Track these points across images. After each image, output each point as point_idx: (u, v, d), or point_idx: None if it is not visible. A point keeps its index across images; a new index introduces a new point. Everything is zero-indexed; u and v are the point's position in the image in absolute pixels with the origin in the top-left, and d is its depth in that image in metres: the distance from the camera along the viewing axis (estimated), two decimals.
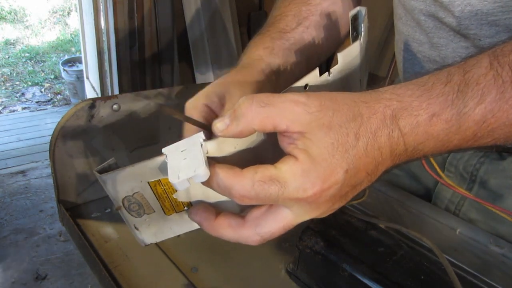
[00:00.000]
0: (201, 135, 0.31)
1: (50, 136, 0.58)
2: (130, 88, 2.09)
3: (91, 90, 2.89)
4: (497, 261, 0.56)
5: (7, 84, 4.27)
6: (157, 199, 0.35)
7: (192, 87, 0.69)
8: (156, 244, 0.55)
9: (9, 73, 4.45)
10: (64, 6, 5.41)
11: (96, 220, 0.60)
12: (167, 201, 0.35)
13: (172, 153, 0.31)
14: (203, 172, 0.29)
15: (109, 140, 0.62)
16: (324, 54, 0.57)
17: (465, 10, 0.45)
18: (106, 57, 2.27)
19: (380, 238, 0.47)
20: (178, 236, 0.58)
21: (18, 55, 4.80)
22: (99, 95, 2.50)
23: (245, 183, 0.29)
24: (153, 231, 0.37)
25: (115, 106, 0.60)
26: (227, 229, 0.33)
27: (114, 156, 0.63)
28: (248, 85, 0.42)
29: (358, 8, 0.42)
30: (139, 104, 0.63)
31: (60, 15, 5.37)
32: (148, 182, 0.34)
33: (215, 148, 0.32)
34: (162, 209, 0.36)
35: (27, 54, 4.81)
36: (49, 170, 1.22)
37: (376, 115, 0.31)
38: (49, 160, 0.58)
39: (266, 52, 0.49)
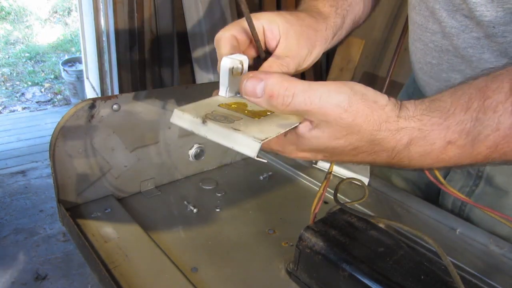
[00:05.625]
0: None
1: (50, 136, 0.58)
2: (130, 88, 2.09)
3: (91, 90, 2.90)
4: (497, 261, 0.56)
5: (7, 84, 4.27)
6: (235, 112, 0.39)
7: (192, 87, 0.69)
8: (156, 244, 0.55)
9: (9, 73, 4.45)
10: (64, 6, 5.41)
11: (96, 220, 0.60)
12: (246, 112, 0.38)
13: None
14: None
15: (109, 140, 0.62)
16: (361, 21, 0.61)
17: None
18: (106, 57, 2.27)
19: (380, 238, 0.47)
20: (180, 234, 0.57)
21: (18, 55, 4.80)
22: (99, 95, 2.50)
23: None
24: (256, 128, 0.36)
25: (115, 106, 0.60)
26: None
27: (114, 156, 0.64)
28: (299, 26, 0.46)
29: None
30: (139, 104, 0.63)
31: (60, 15, 5.37)
32: (218, 105, 0.40)
33: None
34: (248, 116, 0.38)
35: (27, 54, 4.81)
36: (49, 170, 1.22)
37: (390, 143, 0.34)
38: (49, 160, 0.58)
39: (332, 10, 0.52)
